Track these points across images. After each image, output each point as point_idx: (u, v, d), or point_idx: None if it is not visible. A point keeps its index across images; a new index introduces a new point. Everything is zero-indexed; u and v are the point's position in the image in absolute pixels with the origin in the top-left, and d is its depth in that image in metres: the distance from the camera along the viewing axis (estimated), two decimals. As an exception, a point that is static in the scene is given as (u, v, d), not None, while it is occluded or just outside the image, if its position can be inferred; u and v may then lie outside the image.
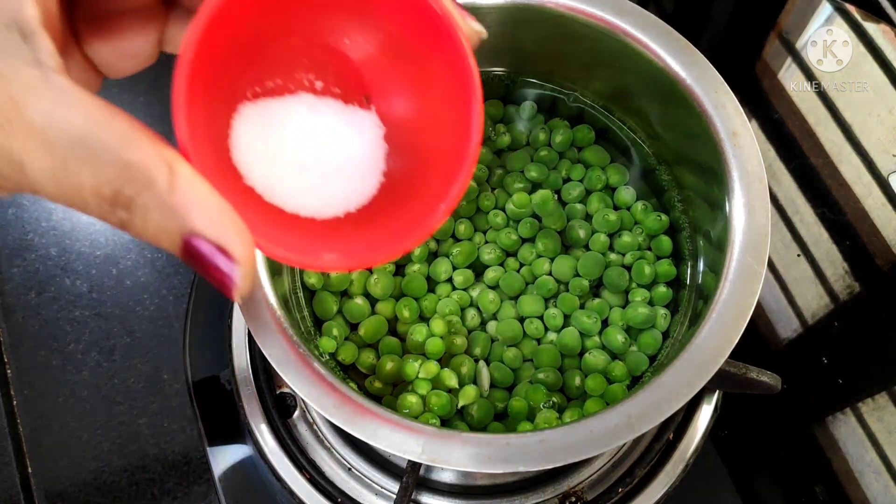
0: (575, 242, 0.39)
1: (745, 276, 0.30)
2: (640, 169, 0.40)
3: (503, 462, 0.27)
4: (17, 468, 0.44)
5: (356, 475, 0.39)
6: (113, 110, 0.18)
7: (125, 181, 0.18)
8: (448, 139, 0.24)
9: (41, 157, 0.18)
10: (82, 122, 0.18)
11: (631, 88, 0.37)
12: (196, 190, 0.18)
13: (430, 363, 0.35)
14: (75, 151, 0.18)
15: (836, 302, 0.46)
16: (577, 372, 0.36)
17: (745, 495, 0.43)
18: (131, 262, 0.49)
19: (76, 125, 0.18)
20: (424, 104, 0.25)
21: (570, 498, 0.38)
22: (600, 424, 0.28)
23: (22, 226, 0.50)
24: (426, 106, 0.25)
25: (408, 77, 0.25)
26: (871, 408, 0.43)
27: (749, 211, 0.31)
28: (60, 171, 0.18)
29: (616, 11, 0.34)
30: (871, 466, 0.42)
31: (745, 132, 0.32)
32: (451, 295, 0.38)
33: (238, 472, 0.42)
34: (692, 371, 0.29)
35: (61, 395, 0.46)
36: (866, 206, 0.47)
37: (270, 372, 0.41)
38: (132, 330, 0.47)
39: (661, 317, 0.36)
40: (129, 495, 0.44)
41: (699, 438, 0.40)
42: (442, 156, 0.24)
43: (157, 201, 0.18)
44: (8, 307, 0.48)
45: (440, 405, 0.34)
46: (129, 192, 0.18)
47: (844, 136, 0.49)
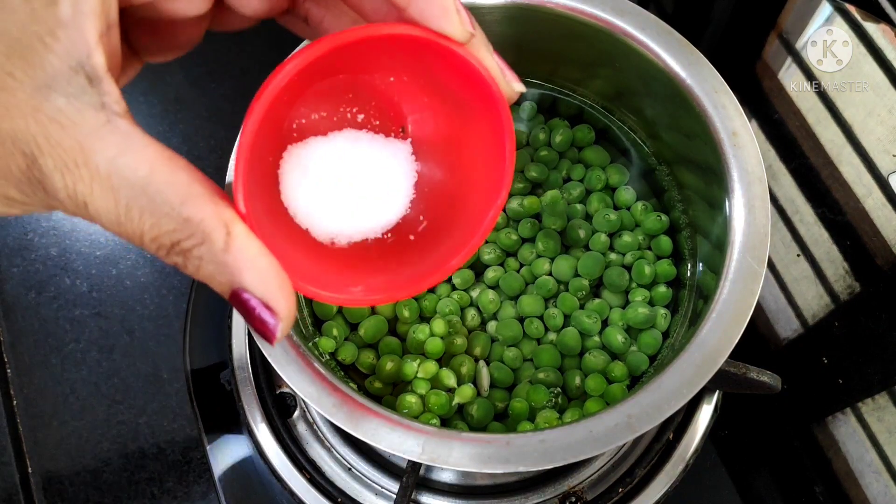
0: (575, 242, 0.39)
1: (745, 276, 0.30)
2: (640, 169, 0.40)
3: (503, 462, 0.27)
4: (16, 467, 0.44)
5: (356, 475, 0.39)
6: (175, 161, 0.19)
7: (183, 235, 0.19)
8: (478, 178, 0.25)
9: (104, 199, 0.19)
10: (145, 172, 0.19)
11: (631, 88, 0.37)
12: (248, 251, 0.20)
13: (428, 363, 0.35)
14: (138, 200, 0.19)
15: (836, 302, 0.46)
16: (577, 372, 0.36)
17: (745, 495, 0.43)
18: (131, 261, 0.49)
19: (139, 175, 0.19)
20: (457, 141, 0.26)
21: (571, 498, 0.38)
22: (600, 424, 0.28)
23: (22, 225, 0.50)
24: (459, 143, 0.26)
25: (444, 115, 0.26)
26: (871, 408, 0.43)
27: (749, 211, 0.31)
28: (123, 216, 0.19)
29: (616, 11, 0.34)
30: (871, 467, 0.42)
31: (745, 132, 0.32)
32: (452, 295, 0.38)
33: (238, 471, 0.42)
34: (692, 371, 0.29)
35: (61, 395, 0.46)
36: (866, 206, 0.47)
37: (270, 372, 0.41)
38: (132, 329, 0.47)
39: (661, 317, 0.36)
40: (129, 495, 0.44)
41: (699, 438, 0.40)
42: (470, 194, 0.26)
43: (212, 256, 0.19)
44: (8, 306, 0.48)
45: (439, 404, 0.34)
46: (186, 245, 0.19)
47: (844, 136, 0.49)
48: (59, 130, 0.18)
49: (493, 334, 0.38)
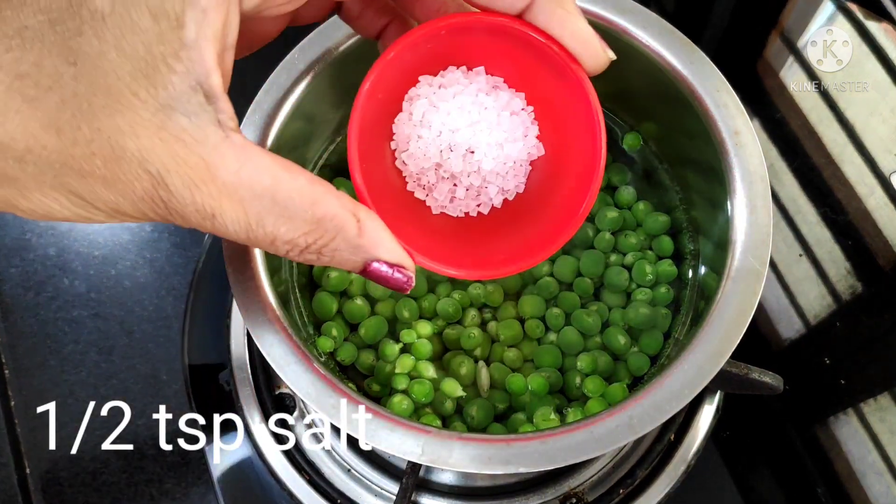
0: (581, 242, 0.39)
1: (746, 276, 0.30)
2: (640, 169, 0.40)
3: (503, 463, 0.27)
4: (14, 469, 0.44)
5: (355, 476, 0.39)
6: (291, 167, 0.21)
7: (319, 234, 0.21)
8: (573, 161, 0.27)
9: (233, 211, 0.20)
10: (269, 182, 0.20)
11: (632, 87, 0.37)
12: (378, 231, 0.23)
13: (406, 357, 0.35)
14: (269, 208, 0.20)
15: (838, 302, 0.46)
16: (577, 372, 0.36)
17: (747, 496, 0.43)
18: (130, 262, 0.49)
19: (265, 185, 0.20)
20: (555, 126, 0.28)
21: (571, 499, 0.38)
22: (601, 425, 0.28)
23: (20, 225, 0.49)
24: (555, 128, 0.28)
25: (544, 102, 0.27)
26: (874, 408, 0.43)
27: (751, 210, 0.31)
28: (254, 224, 0.21)
29: (617, 10, 0.34)
30: (873, 467, 0.42)
31: (747, 131, 0.32)
32: (452, 295, 0.38)
33: (237, 472, 0.42)
34: (694, 372, 0.29)
35: (59, 396, 0.45)
36: (869, 205, 0.47)
37: (269, 372, 0.41)
38: (131, 330, 0.47)
39: (663, 317, 0.36)
40: (128, 496, 0.44)
41: (701, 439, 0.40)
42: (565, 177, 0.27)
43: (347, 245, 0.22)
44: (6, 307, 0.47)
45: (424, 393, 0.34)
46: (322, 241, 0.22)
47: (847, 136, 0.49)
48: (183, 148, 0.19)
49: (493, 334, 0.37)
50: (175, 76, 0.19)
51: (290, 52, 0.33)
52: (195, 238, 0.49)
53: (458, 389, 0.35)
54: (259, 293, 0.30)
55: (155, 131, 0.19)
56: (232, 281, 0.30)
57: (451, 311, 0.37)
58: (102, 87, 0.19)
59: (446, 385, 0.35)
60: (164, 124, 0.19)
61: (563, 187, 0.27)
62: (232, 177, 0.20)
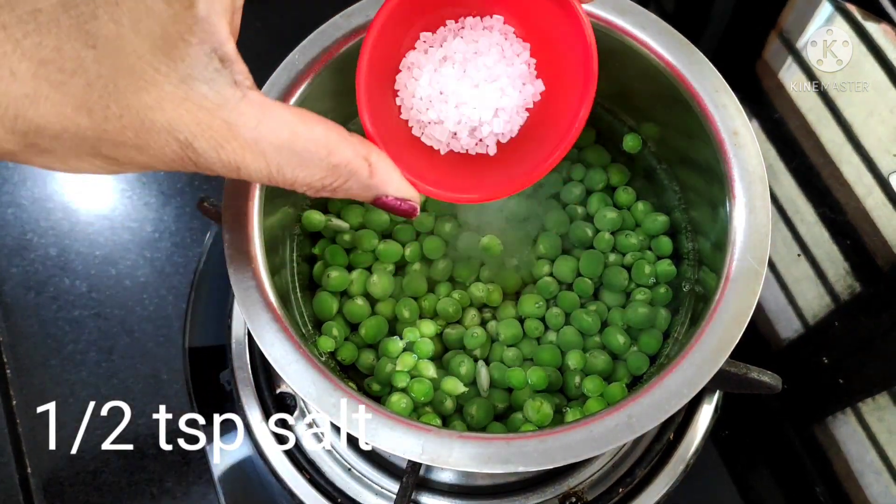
0: (580, 243, 0.39)
1: (745, 276, 0.30)
2: (640, 169, 0.40)
3: (503, 462, 0.27)
4: (16, 468, 0.44)
5: (356, 475, 0.39)
6: (308, 117, 0.23)
7: (335, 178, 0.24)
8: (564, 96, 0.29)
9: (256, 163, 0.22)
10: (288, 135, 0.22)
11: (631, 88, 0.37)
12: (387, 172, 0.25)
13: (407, 355, 0.35)
14: (288, 159, 0.23)
15: (836, 302, 0.46)
16: (576, 372, 0.36)
17: (746, 495, 0.43)
18: (130, 262, 0.49)
19: (283, 137, 0.22)
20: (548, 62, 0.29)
21: (571, 498, 0.38)
22: (601, 425, 0.28)
23: (21, 225, 0.50)
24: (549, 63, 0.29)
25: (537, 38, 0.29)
26: (872, 408, 0.43)
27: (750, 211, 0.31)
28: (275, 173, 0.23)
29: (616, 10, 0.34)
30: (871, 466, 0.42)
31: (746, 131, 0.32)
32: (452, 294, 0.38)
33: (237, 471, 0.42)
34: (693, 371, 0.29)
35: (60, 396, 0.45)
36: (867, 205, 0.47)
37: (270, 372, 0.41)
38: (131, 330, 0.47)
39: (662, 317, 0.36)
40: (129, 495, 0.44)
41: (700, 439, 0.40)
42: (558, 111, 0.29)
43: (359, 184, 0.25)
44: (7, 307, 0.47)
45: (423, 392, 0.34)
46: (337, 183, 0.24)
47: (845, 136, 0.49)
48: (207, 115, 0.21)
49: (493, 334, 0.37)
50: (191, 48, 0.21)
51: (291, 52, 0.33)
52: (195, 238, 0.49)
53: (459, 387, 0.35)
54: (260, 293, 0.31)
55: (179, 103, 0.21)
56: (233, 281, 0.31)
57: (452, 311, 0.37)
58: (125, 67, 0.20)
59: (447, 383, 0.35)
60: (188, 94, 0.21)
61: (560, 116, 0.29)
62: (252, 132, 0.22)
